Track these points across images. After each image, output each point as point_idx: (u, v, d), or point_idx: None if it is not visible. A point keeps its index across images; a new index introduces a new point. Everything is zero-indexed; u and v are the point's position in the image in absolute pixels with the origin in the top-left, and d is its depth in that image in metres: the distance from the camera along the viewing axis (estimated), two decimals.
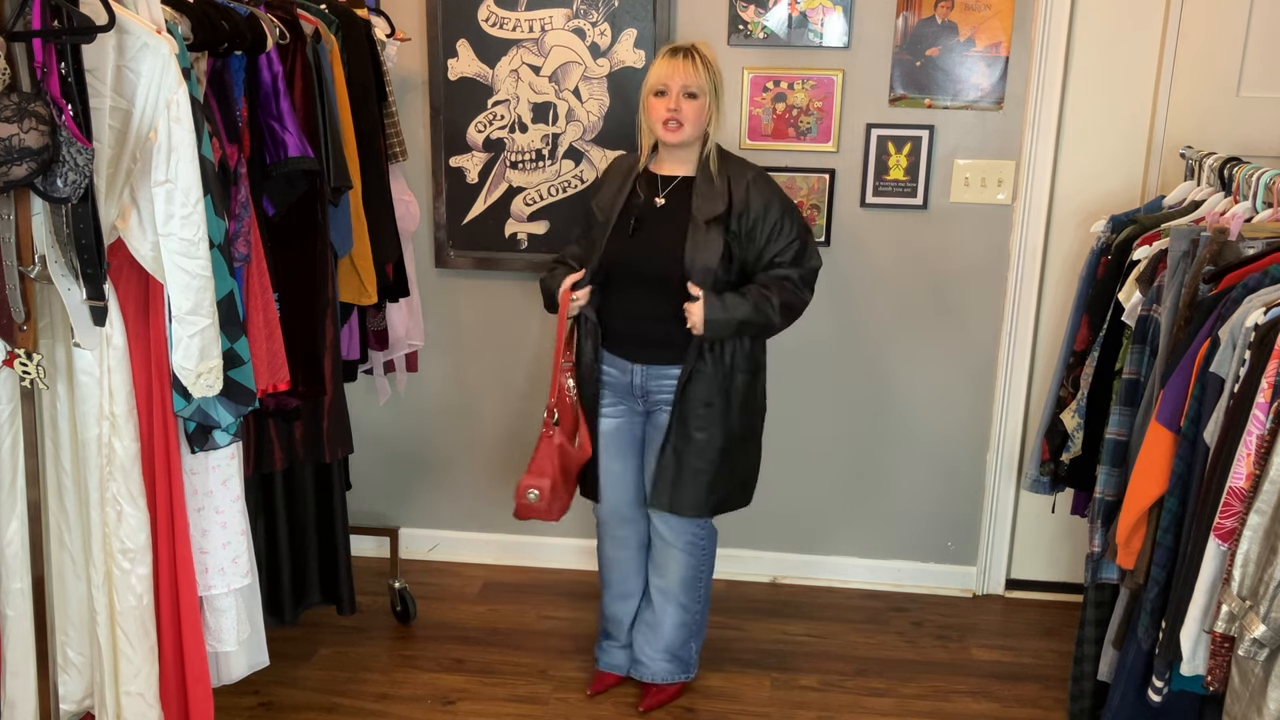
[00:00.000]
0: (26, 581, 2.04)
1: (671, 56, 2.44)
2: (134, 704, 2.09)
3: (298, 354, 2.37)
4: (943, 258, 3.15)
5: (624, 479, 2.66)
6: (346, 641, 3.04)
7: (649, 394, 2.56)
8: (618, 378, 2.58)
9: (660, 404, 2.56)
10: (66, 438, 2.04)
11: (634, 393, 2.58)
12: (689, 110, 2.42)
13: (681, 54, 2.43)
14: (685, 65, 2.41)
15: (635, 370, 2.55)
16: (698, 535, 2.66)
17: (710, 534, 2.70)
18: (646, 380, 2.54)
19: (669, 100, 2.42)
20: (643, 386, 2.56)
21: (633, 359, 2.55)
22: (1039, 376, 3.22)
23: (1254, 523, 1.73)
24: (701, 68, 2.42)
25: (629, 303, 2.53)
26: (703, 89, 2.42)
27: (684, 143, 2.46)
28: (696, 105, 2.42)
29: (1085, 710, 2.52)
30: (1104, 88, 3.02)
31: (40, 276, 1.85)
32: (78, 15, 1.73)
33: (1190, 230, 2.15)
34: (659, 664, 2.75)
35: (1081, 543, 3.18)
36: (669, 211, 2.49)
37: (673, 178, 2.52)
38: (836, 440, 3.33)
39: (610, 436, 2.63)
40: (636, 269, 2.51)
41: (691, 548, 2.66)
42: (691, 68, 2.41)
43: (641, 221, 2.50)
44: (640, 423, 2.63)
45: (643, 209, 2.51)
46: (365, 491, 3.38)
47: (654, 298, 2.49)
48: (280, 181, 2.24)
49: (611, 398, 2.61)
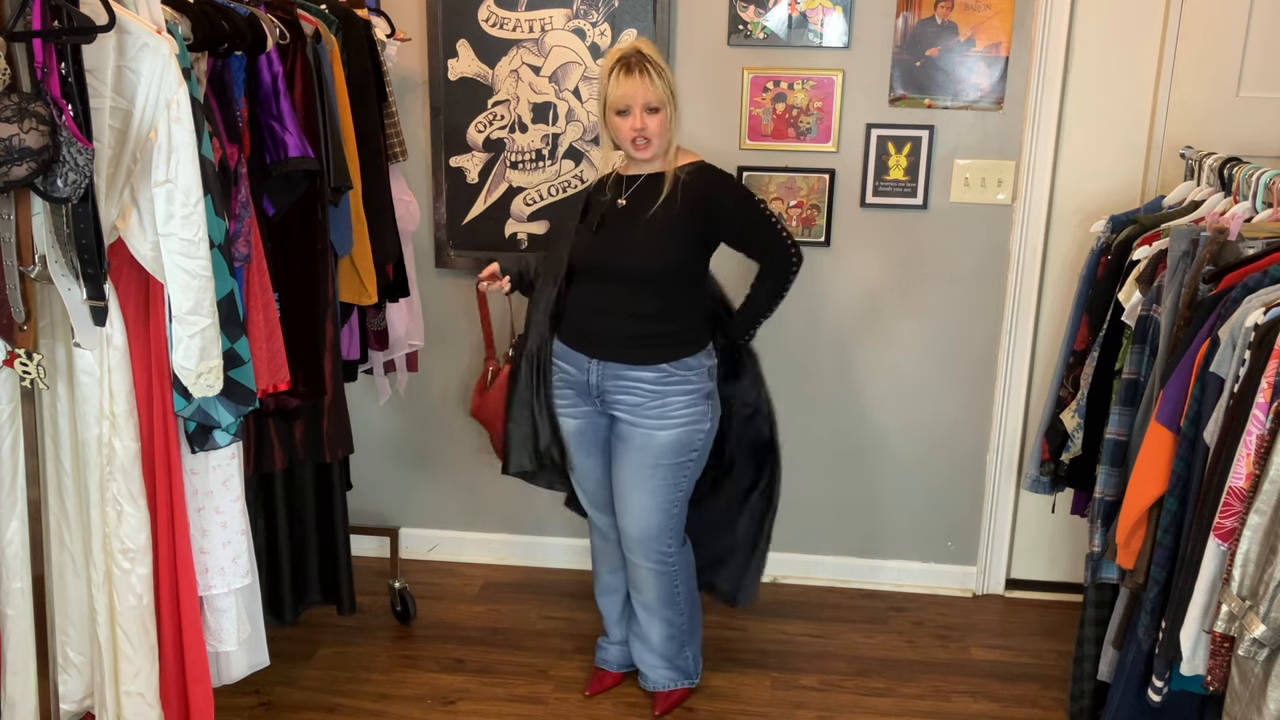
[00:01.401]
0: (26, 581, 2.04)
1: (627, 73, 2.40)
2: (134, 704, 2.09)
3: (298, 354, 2.37)
4: (943, 258, 3.15)
5: (593, 474, 2.66)
6: (346, 641, 3.04)
7: (605, 394, 2.54)
8: (575, 376, 2.57)
9: (616, 406, 2.54)
10: (67, 438, 2.04)
11: (590, 392, 2.56)
12: (654, 125, 2.41)
13: (636, 69, 2.39)
14: (644, 83, 2.39)
15: (592, 368, 2.53)
16: (665, 553, 2.63)
17: (679, 547, 2.66)
18: (603, 379, 2.53)
19: (633, 120, 2.41)
20: (599, 386, 2.54)
21: (590, 354, 2.54)
22: (1039, 376, 3.22)
23: (1254, 523, 1.74)
24: (657, 78, 2.39)
25: (590, 298, 2.53)
26: (663, 101, 2.40)
27: (655, 156, 2.47)
28: (660, 118, 2.41)
29: (1085, 710, 2.52)
30: (1104, 88, 3.02)
31: (40, 276, 1.85)
32: (78, 15, 1.73)
33: (1190, 230, 2.15)
34: (659, 671, 2.76)
35: (1081, 543, 3.18)
36: (629, 211, 2.49)
37: (636, 177, 2.52)
38: (836, 440, 3.33)
39: (575, 436, 2.62)
40: (597, 267, 2.52)
41: (661, 565, 2.63)
42: (649, 84, 2.38)
43: (604, 220, 2.51)
44: (604, 424, 2.62)
45: (608, 208, 2.52)
46: (365, 491, 3.38)
47: (614, 295, 2.49)
48: (280, 181, 2.24)
49: (572, 397, 2.60)
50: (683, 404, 2.51)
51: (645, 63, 2.40)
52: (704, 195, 2.46)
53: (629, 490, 2.57)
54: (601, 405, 2.57)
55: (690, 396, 2.52)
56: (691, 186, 2.45)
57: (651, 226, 2.45)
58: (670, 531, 2.61)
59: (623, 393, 2.52)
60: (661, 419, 2.51)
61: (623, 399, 2.53)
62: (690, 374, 2.52)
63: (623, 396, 2.53)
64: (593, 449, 2.64)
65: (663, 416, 2.51)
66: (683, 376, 2.51)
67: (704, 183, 2.48)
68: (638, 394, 2.51)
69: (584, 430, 2.62)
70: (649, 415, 2.51)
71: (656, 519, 2.58)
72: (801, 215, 3.14)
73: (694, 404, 2.52)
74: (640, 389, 2.51)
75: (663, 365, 2.49)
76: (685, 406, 2.51)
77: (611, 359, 2.51)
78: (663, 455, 2.52)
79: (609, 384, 2.53)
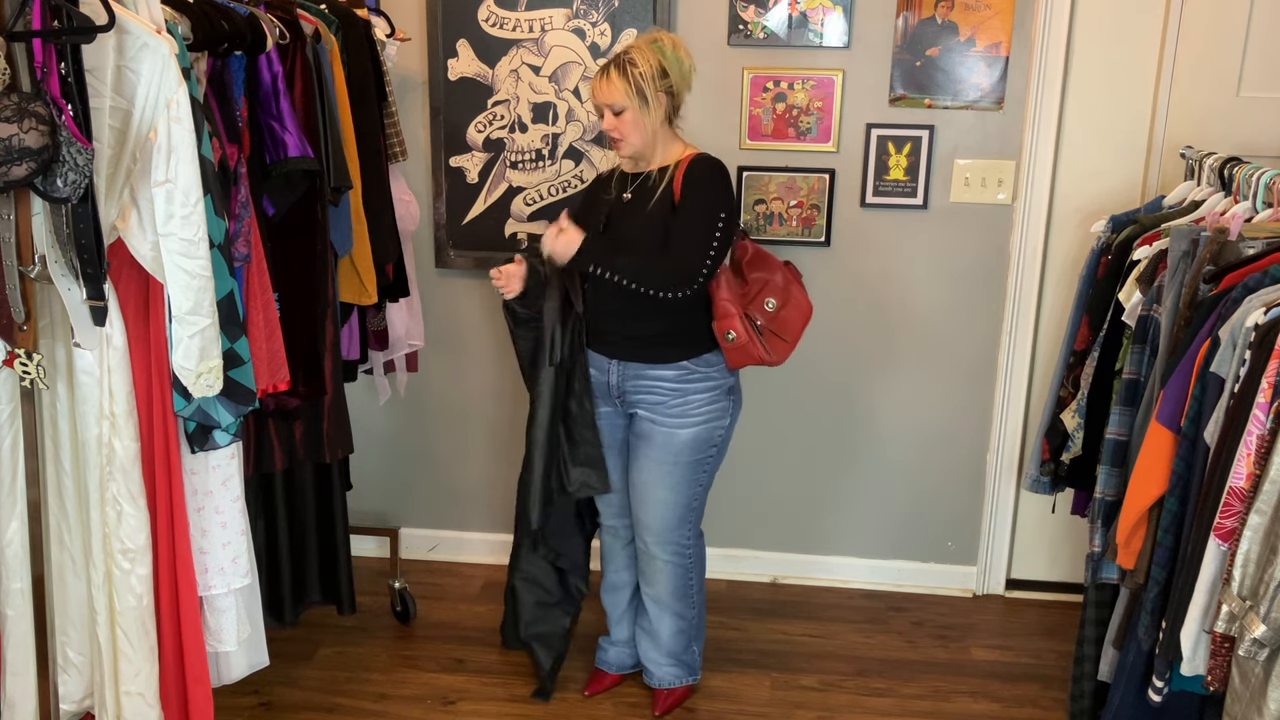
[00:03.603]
0: (26, 581, 2.04)
1: (597, 75, 2.42)
2: (134, 704, 2.09)
3: (298, 354, 2.37)
4: (943, 258, 3.15)
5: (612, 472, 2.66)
6: (346, 641, 3.04)
7: (625, 394, 2.54)
8: (597, 378, 2.57)
9: (638, 405, 2.54)
10: (66, 438, 2.04)
11: (611, 393, 2.57)
12: (622, 126, 2.41)
13: (602, 72, 2.40)
14: (602, 85, 2.39)
15: (613, 368, 2.54)
16: (682, 545, 2.64)
17: (696, 539, 2.68)
18: (623, 380, 2.53)
19: (606, 120, 2.42)
20: (619, 386, 2.54)
21: (610, 355, 2.54)
22: (1039, 376, 3.22)
23: (1254, 523, 1.73)
24: (619, 80, 2.37)
25: (603, 299, 2.52)
26: (624, 103, 2.38)
27: (634, 155, 2.46)
28: (626, 119, 2.40)
29: (1085, 710, 2.52)
30: (1104, 88, 3.02)
31: (40, 276, 1.85)
32: (78, 15, 1.73)
33: (1190, 230, 2.15)
34: (664, 669, 2.76)
35: (1081, 543, 3.18)
36: (632, 208, 2.48)
37: (639, 175, 2.52)
38: (836, 440, 3.33)
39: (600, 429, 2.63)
40: None
41: (678, 557, 2.64)
42: (608, 85, 2.38)
43: (610, 219, 2.51)
44: (623, 425, 2.62)
45: (613, 207, 2.52)
46: (365, 491, 3.38)
47: (626, 293, 2.47)
48: (280, 181, 2.24)
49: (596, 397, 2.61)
50: (704, 401, 2.51)
51: (613, 64, 2.39)
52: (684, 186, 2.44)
53: (649, 487, 2.57)
54: (622, 405, 2.58)
55: (712, 393, 2.52)
56: (684, 180, 2.44)
57: (651, 223, 2.44)
58: (689, 524, 2.63)
59: (644, 392, 2.52)
60: (683, 417, 2.51)
61: (644, 398, 2.53)
62: (711, 370, 2.51)
63: (644, 396, 2.53)
64: (611, 449, 2.64)
65: (684, 414, 2.51)
66: (704, 373, 2.51)
67: (688, 174, 2.44)
68: (659, 393, 2.51)
69: (603, 431, 2.62)
70: (670, 414, 2.51)
71: (677, 513, 2.59)
72: (801, 215, 3.14)
73: (715, 400, 2.52)
74: (662, 388, 2.51)
75: (683, 363, 2.49)
76: (707, 404, 2.51)
77: (631, 359, 2.51)
78: (683, 453, 2.53)
79: (629, 384, 2.53)
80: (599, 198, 2.57)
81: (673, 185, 2.43)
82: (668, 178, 2.44)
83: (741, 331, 2.45)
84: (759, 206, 3.14)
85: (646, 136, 2.43)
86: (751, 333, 2.47)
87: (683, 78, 2.44)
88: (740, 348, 2.47)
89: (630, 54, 2.39)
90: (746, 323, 2.47)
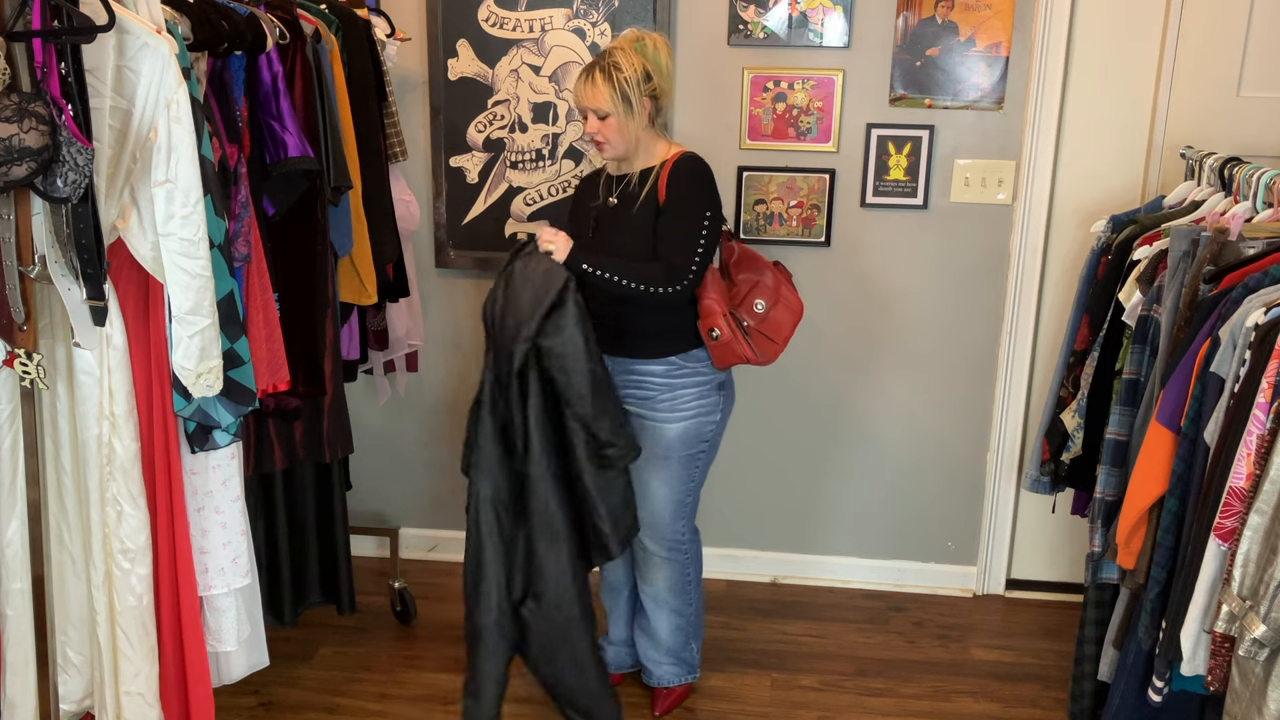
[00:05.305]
0: (26, 581, 2.04)
1: (580, 78, 2.40)
2: (134, 704, 2.09)
3: (298, 354, 2.37)
4: (943, 258, 3.15)
5: None
6: (346, 641, 3.04)
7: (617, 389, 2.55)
8: None
9: (627, 400, 2.54)
10: (66, 438, 2.04)
11: None
12: (606, 130, 2.40)
13: (585, 74, 2.39)
14: (586, 89, 2.38)
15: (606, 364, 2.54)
16: (677, 541, 2.64)
17: (692, 536, 2.68)
18: (613, 375, 2.52)
19: (589, 123, 2.41)
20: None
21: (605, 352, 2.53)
22: (1039, 376, 3.22)
23: (1254, 523, 1.73)
24: (603, 85, 2.35)
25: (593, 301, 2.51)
26: (606, 107, 2.37)
27: (617, 158, 2.46)
28: (609, 123, 2.39)
29: (1085, 710, 2.52)
30: (1104, 88, 3.02)
31: (40, 276, 1.85)
32: (78, 15, 1.73)
33: (1190, 230, 2.15)
34: (664, 668, 2.76)
35: (1081, 543, 3.18)
36: (619, 211, 2.49)
37: (624, 177, 2.51)
38: (837, 440, 3.33)
39: None
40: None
41: (674, 553, 2.64)
42: (592, 90, 2.37)
43: (599, 223, 2.51)
44: None
45: (600, 210, 2.52)
46: (365, 491, 3.38)
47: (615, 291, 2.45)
48: (280, 181, 2.24)
49: None
50: (693, 395, 2.51)
51: (597, 67, 2.37)
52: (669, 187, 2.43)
53: (642, 482, 2.57)
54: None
55: (701, 388, 2.52)
56: (669, 182, 2.43)
57: (636, 225, 2.44)
58: (683, 519, 2.63)
59: (633, 387, 2.53)
60: (672, 411, 2.51)
61: (633, 393, 2.53)
62: (700, 365, 2.51)
63: (633, 391, 2.53)
64: None
65: (673, 409, 2.51)
66: (692, 369, 2.51)
67: (673, 175, 2.43)
68: (648, 388, 2.52)
69: None
70: (660, 408, 2.51)
71: (670, 508, 2.59)
72: (801, 215, 3.14)
73: (705, 395, 2.52)
74: (651, 383, 2.51)
75: (672, 358, 2.49)
76: (696, 399, 2.52)
77: (620, 354, 2.52)
78: (674, 448, 2.53)
79: (619, 378, 2.54)
80: (585, 205, 2.57)
81: (657, 187, 2.43)
82: (652, 179, 2.44)
83: (725, 329, 2.45)
84: (759, 206, 3.14)
85: (630, 141, 2.42)
86: (736, 331, 2.47)
87: (666, 79, 2.43)
88: (725, 345, 2.47)
89: (614, 57, 2.37)
90: (731, 321, 2.47)
